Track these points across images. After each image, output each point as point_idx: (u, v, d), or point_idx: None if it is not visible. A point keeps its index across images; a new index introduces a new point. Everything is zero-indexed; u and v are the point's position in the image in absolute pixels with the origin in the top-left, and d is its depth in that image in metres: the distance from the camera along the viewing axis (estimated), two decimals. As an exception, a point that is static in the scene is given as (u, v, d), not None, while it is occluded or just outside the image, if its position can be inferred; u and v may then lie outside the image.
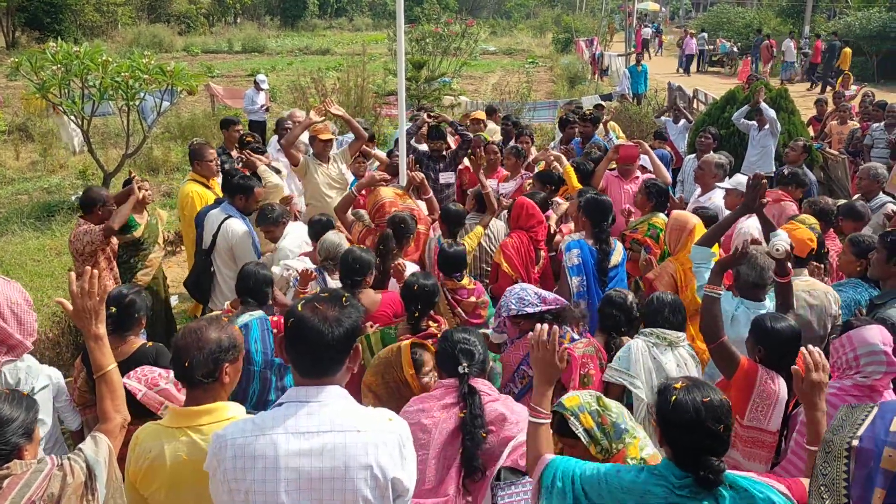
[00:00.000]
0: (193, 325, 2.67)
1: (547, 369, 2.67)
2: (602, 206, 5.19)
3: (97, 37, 32.87)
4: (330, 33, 47.98)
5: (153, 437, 2.62)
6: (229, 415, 2.62)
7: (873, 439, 2.22)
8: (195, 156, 6.80)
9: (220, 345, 2.61)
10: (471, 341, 3.21)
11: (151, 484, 2.60)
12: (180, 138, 15.35)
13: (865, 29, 26.52)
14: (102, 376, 2.65)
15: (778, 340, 3.40)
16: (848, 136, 10.66)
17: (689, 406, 2.31)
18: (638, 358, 3.80)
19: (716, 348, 3.57)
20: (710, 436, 2.27)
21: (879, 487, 2.18)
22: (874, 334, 3.33)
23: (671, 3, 61.97)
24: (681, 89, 17.60)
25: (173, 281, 8.77)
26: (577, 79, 25.34)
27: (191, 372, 2.57)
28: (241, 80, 24.51)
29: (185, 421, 2.61)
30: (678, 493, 2.28)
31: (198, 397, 2.62)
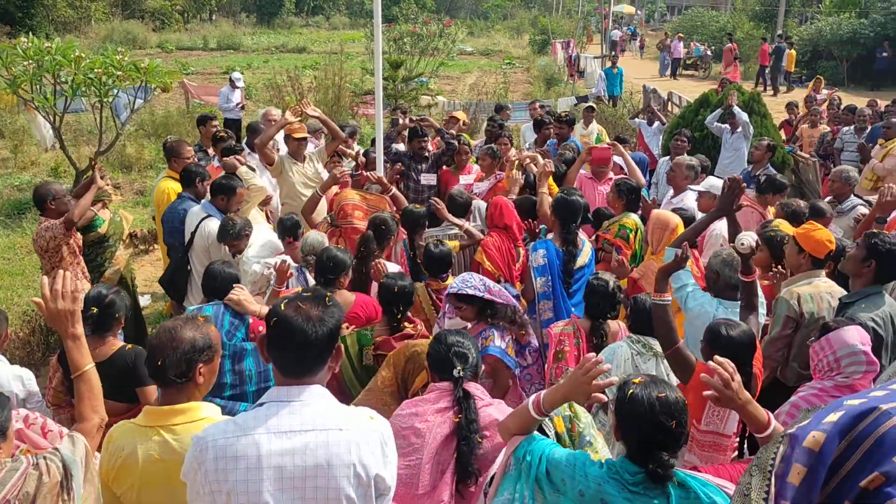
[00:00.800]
0: (169, 323, 2.66)
1: (576, 390, 2.50)
2: (572, 206, 5.20)
3: (70, 32, 32.41)
4: (306, 31, 47.73)
5: (126, 436, 2.61)
6: (203, 415, 2.61)
7: (806, 428, 2.29)
8: (171, 153, 6.75)
9: (194, 344, 2.60)
10: (465, 344, 3.18)
11: (124, 483, 2.59)
12: (154, 136, 15.20)
13: (836, 34, 26.96)
14: (81, 376, 2.62)
15: (733, 346, 3.37)
16: (818, 140, 10.82)
17: (644, 400, 2.36)
18: (620, 364, 3.82)
19: (672, 354, 3.58)
20: (661, 430, 2.32)
21: (799, 464, 2.25)
22: (853, 335, 3.43)
23: (646, 6, 62.47)
24: (655, 92, 17.76)
25: (146, 280, 8.70)
26: (553, 80, 25.47)
27: (163, 371, 2.55)
28: (216, 78, 24.31)
29: (158, 420, 2.60)
30: (631, 488, 2.32)
31: (172, 397, 2.61)
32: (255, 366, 4.02)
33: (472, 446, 2.86)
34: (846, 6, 29.37)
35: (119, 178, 13.00)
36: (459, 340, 3.18)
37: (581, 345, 4.16)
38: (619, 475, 2.35)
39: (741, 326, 3.44)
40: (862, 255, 4.08)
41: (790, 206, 5.65)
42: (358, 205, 5.90)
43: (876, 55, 25.55)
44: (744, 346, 3.35)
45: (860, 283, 4.12)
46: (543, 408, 2.54)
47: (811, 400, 3.42)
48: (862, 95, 21.13)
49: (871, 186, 8.60)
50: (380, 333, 4.14)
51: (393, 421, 2.87)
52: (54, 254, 5.58)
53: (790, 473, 2.26)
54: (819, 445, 2.24)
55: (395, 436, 2.67)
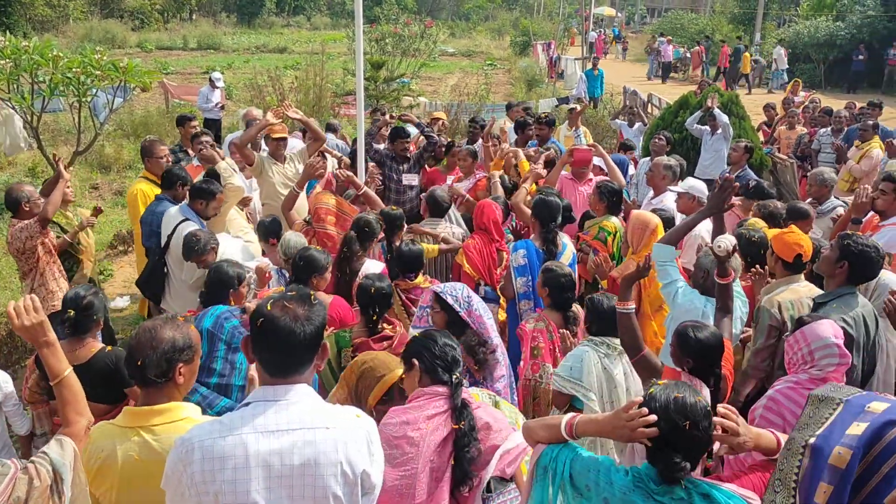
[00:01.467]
0: (149, 323, 2.65)
1: (617, 432, 2.45)
2: (551, 206, 5.25)
3: (48, 31, 32.06)
4: (287, 31, 47.56)
5: (105, 437, 2.59)
6: (183, 415, 2.59)
7: (828, 439, 2.29)
8: (145, 153, 6.70)
9: (174, 344, 2.59)
10: (455, 347, 3.09)
11: (103, 483, 2.57)
12: (133, 136, 15.08)
13: (813, 37, 27.30)
14: (61, 382, 2.59)
15: (701, 349, 3.39)
16: (796, 142, 10.94)
17: (661, 398, 2.36)
18: (591, 370, 3.84)
19: (638, 361, 3.62)
20: (674, 429, 2.30)
21: (825, 482, 2.25)
22: (826, 329, 3.46)
23: (626, 9, 62.85)
24: (636, 93, 17.87)
25: (126, 281, 8.63)
26: (534, 81, 25.55)
27: (143, 371, 2.54)
28: (196, 78, 24.16)
29: (137, 420, 2.58)
30: (656, 497, 2.31)
31: (151, 397, 2.60)
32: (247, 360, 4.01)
33: (473, 455, 2.82)
34: (823, 9, 29.71)
35: (98, 179, 12.89)
36: (451, 344, 3.08)
37: (554, 338, 4.22)
38: (644, 483, 2.34)
39: (709, 328, 3.47)
40: (835, 257, 4.10)
41: (767, 206, 5.70)
42: (331, 210, 5.89)
43: (852, 58, 25.90)
44: (711, 348, 3.38)
45: (833, 284, 4.14)
46: (576, 432, 2.51)
47: (789, 394, 3.44)
48: (839, 98, 21.40)
49: (848, 188, 8.72)
50: (358, 335, 4.09)
51: (383, 430, 2.77)
52: (31, 255, 5.53)
53: (817, 492, 2.26)
54: (845, 463, 2.24)
55: (387, 445, 2.67)
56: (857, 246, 4.03)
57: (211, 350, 3.86)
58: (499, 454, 2.82)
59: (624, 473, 2.40)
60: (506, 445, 2.85)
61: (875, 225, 5.54)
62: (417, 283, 4.85)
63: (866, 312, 4.02)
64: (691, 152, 9.93)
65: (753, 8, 32.19)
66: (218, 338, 3.89)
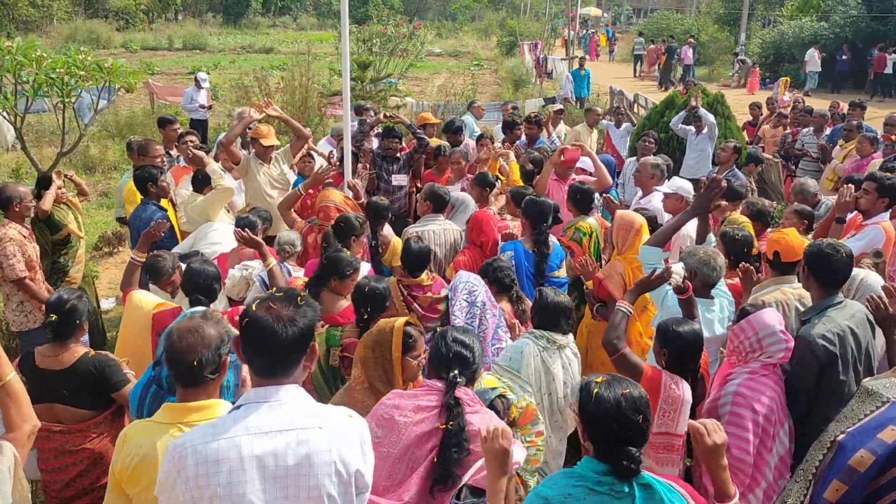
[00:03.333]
0: (188, 323, 2.63)
1: (500, 460, 2.52)
2: (541, 207, 5.25)
3: (32, 32, 31.87)
4: (273, 32, 47.41)
5: (143, 434, 2.59)
6: (221, 411, 2.58)
7: (856, 437, 2.28)
8: (140, 152, 6.66)
9: (222, 338, 2.63)
10: (469, 346, 3.04)
11: (140, 482, 2.56)
12: (118, 136, 14.99)
13: (798, 37, 27.49)
14: (3, 387, 2.54)
15: (680, 343, 3.51)
16: (780, 141, 11.01)
17: (611, 398, 2.38)
18: (529, 362, 3.87)
19: (618, 359, 3.67)
20: (630, 426, 2.34)
21: (839, 481, 2.24)
22: (771, 317, 3.58)
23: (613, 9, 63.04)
24: (622, 93, 17.93)
25: (111, 282, 8.57)
26: (521, 82, 25.59)
27: (200, 370, 2.55)
28: (181, 78, 24.05)
29: (176, 417, 2.58)
30: (596, 488, 2.33)
31: (191, 394, 2.60)
32: (233, 378, 3.98)
33: (457, 457, 2.79)
34: (807, 10, 29.91)
35: (83, 180, 12.77)
36: (463, 341, 3.05)
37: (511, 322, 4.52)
38: (584, 478, 2.36)
39: (690, 324, 3.60)
40: (806, 270, 3.96)
41: (755, 205, 5.72)
42: (340, 207, 5.87)
43: (836, 58, 26.07)
44: (689, 342, 3.52)
45: (815, 297, 3.98)
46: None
47: (751, 385, 3.50)
48: (823, 98, 21.55)
49: (832, 187, 8.77)
50: (349, 335, 4.09)
51: (377, 408, 2.91)
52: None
53: (829, 489, 2.24)
54: (864, 467, 2.21)
55: (375, 423, 2.74)
56: (815, 249, 3.90)
57: None
58: (480, 463, 2.74)
59: (551, 482, 2.43)
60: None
61: (858, 224, 5.58)
62: (420, 281, 4.83)
63: (855, 323, 3.79)
64: (677, 152, 9.97)
65: (739, 8, 32.35)
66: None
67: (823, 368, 3.68)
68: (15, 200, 5.51)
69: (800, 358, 3.69)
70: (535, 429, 3.26)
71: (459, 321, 4.20)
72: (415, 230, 5.84)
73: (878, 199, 5.47)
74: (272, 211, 6.47)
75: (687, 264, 4.31)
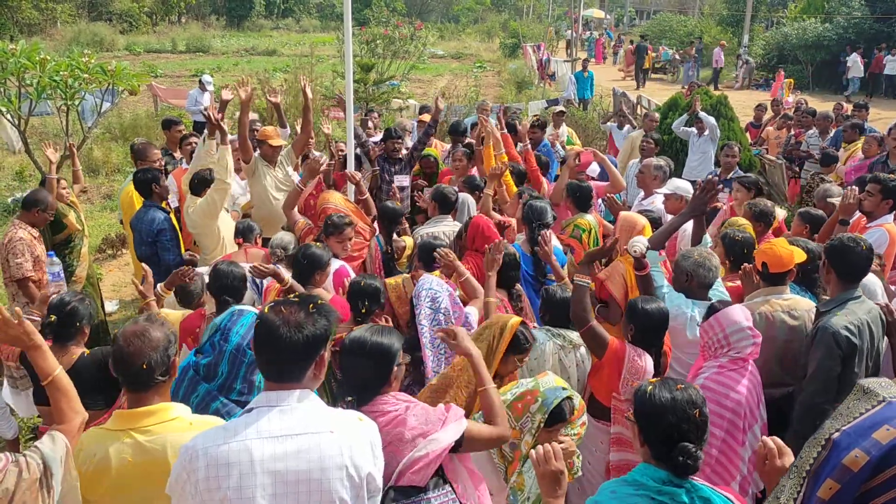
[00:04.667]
0: (134, 328, 2.62)
1: (555, 481, 2.49)
2: (536, 209, 5.33)
3: (35, 34, 31.92)
4: (276, 34, 47.48)
5: (97, 441, 2.58)
6: (173, 415, 2.60)
7: (851, 436, 2.27)
8: (138, 156, 6.68)
9: (168, 339, 2.63)
10: (353, 369, 2.82)
11: (97, 488, 2.56)
12: (121, 139, 15.02)
13: (801, 39, 27.44)
14: (51, 382, 2.60)
15: (647, 319, 3.75)
16: (784, 142, 11.00)
17: (666, 394, 2.42)
18: (547, 359, 3.99)
19: (586, 332, 3.86)
20: (685, 419, 2.36)
21: (832, 479, 2.23)
22: (738, 313, 3.66)
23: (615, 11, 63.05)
24: (625, 95, 17.93)
25: (115, 285, 8.59)
26: (524, 84, 25.59)
27: (150, 373, 2.54)
28: (185, 80, 24.10)
29: (128, 423, 2.57)
30: (658, 498, 2.32)
31: (143, 398, 2.59)
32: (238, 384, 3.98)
33: None
34: (811, 11, 29.89)
35: (86, 182, 12.80)
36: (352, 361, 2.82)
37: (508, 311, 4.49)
38: (643, 486, 2.35)
39: (657, 302, 3.83)
40: (826, 265, 4.04)
41: (757, 206, 5.69)
42: (340, 209, 5.88)
43: (840, 59, 26.06)
44: (653, 318, 3.77)
45: (834, 290, 4.02)
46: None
47: (719, 380, 3.59)
48: (826, 99, 21.53)
49: (836, 189, 8.75)
50: (343, 330, 4.05)
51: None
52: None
53: (822, 487, 2.23)
54: (858, 467, 2.20)
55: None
56: (834, 244, 3.98)
57: (231, 369, 3.81)
58: (404, 463, 2.61)
59: (609, 490, 2.42)
60: (414, 453, 2.63)
61: (862, 226, 5.56)
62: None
63: (871, 319, 3.90)
64: (680, 154, 9.98)
65: (742, 10, 32.33)
66: (241, 361, 3.82)
67: (846, 359, 3.74)
68: (39, 206, 5.60)
69: (826, 349, 3.74)
70: (579, 421, 3.27)
71: (426, 328, 4.11)
72: (426, 231, 5.87)
73: (883, 200, 5.46)
74: (277, 213, 6.50)
75: (681, 267, 4.31)
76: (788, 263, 4.20)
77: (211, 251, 5.90)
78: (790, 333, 4.17)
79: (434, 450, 2.60)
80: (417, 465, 2.58)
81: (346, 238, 5.20)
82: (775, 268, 4.23)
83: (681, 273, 4.30)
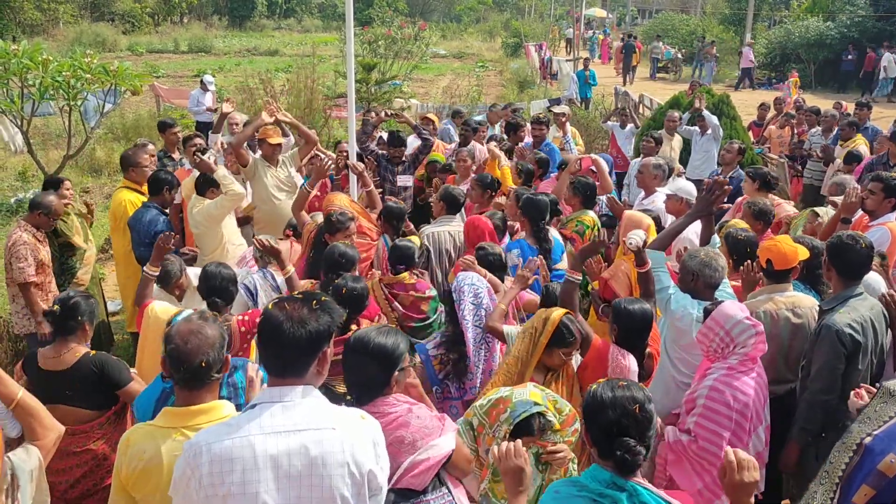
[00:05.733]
0: (188, 325, 2.62)
1: (517, 478, 2.49)
2: (539, 205, 5.42)
3: (38, 35, 31.93)
4: (279, 34, 47.45)
5: (147, 439, 2.58)
6: (225, 413, 2.60)
7: (884, 440, 2.25)
8: (128, 162, 6.56)
9: (223, 338, 2.64)
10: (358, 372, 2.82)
11: (146, 485, 2.56)
12: (124, 139, 15.03)
13: (804, 37, 27.40)
14: (17, 406, 2.61)
15: (630, 320, 3.78)
16: (789, 141, 10.99)
17: (607, 391, 2.42)
18: None
19: None
20: (626, 415, 2.35)
21: (868, 486, 2.21)
22: (733, 308, 3.64)
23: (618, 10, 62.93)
24: (627, 94, 17.92)
25: (116, 285, 8.59)
26: (526, 83, 25.57)
27: (207, 371, 2.55)
28: (187, 81, 24.10)
29: (180, 421, 2.58)
30: (599, 500, 2.31)
31: (196, 396, 2.59)
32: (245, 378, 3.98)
33: None
34: (814, 10, 29.84)
35: (89, 183, 12.84)
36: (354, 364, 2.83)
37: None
38: (586, 487, 2.36)
39: (641, 304, 3.85)
40: (826, 264, 4.06)
41: (756, 204, 5.69)
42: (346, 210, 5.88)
43: (842, 58, 26.03)
44: (639, 320, 3.78)
45: (836, 288, 4.05)
46: None
47: (727, 381, 3.53)
48: (828, 98, 21.49)
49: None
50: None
51: None
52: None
53: (857, 493, 2.22)
54: (894, 473, 2.19)
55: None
56: (835, 242, 3.99)
57: None
58: (404, 467, 2.64)
59: (552, 491, 2.43)
60: (415, 457, 2.65)
61: (865, 225, 5.56)
62: (401, 279, 4.85)
63: (874, 315, 3.92)
64: (683, 153, 9.96)
65: (744, 9, 32.28)
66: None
67: (850, 357, 3.74)
68: (42, 209, 5.63)
69: (830, 348, 3.74)
70: (571, 429, 3.20)
71: (469, 324, 4.25)
72: (431, 230, 5.89)
73: (885, 199, 5.46)
74: (280, 213, 6.51)
75: (688, 266, 4.28)
76: (793, 261, 4.20)
77: (210, 252, 5.90)
78: (794, 331, 4.17)
79: (435, 455, 2.64)
80: (418, 469, 2.61)
81: (350, 234, 5.20)
82: (780, 265, 4.22)
83: (687, 273, 4.25)
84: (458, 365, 4.29)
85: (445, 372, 4.35)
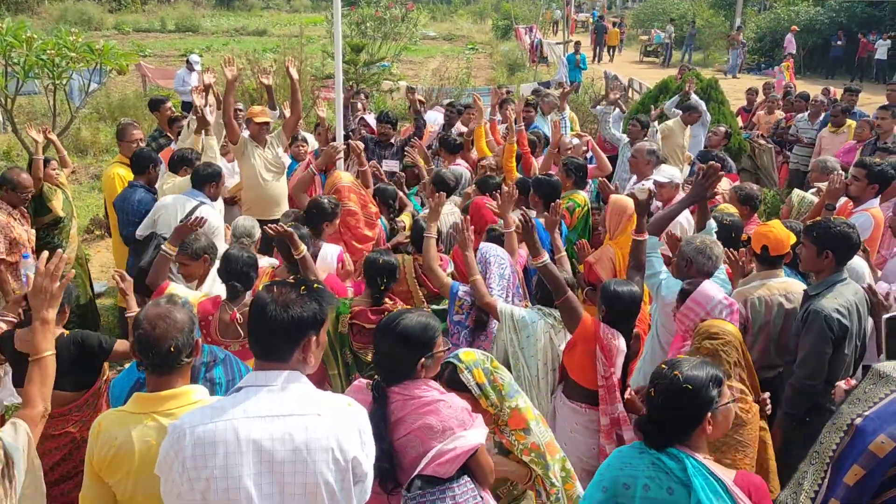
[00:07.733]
0: (157, 310, 2.60)
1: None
2: (554, 185, 5.63)
3: (22, 12, 31.50)
4: (267, 14, 47.00)
5: (118, 424, 2.56)
6: (196, 398, 2.58)
7: (875, 421, 2.28)
8: (119, 136, 6.65)
9: (193, 321, 2.63)
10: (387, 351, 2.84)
11: (118, 471, 2.54)
12: (109, 119, 14.91)
13: (794, 22, 27.38)
14: (38, 360, 2.58)
15: (617, 301, 3.77)
16: (773, 126, 11.01)
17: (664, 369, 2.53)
18: (540, 337, 4.11)
19: (563, 303, 3.97)
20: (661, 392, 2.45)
21: (859, 466, 2.24)
22: (711, 288, 3.70)
23: (608, -8, 62.63)
24: (616, 78, 17.89)
25: (103, 266, 8.57)
26: (516, 66, 25.47)
27: (177, 355, 2.53)
28: (174, 60, 23.90)
29: (150, 406, 2.56)
30: (657, 462, 2.39)
31: (166, 381, 2.57)
32: (224, 374, 3.97)
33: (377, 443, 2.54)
34: (805, -5, 29.84)
35: (74, 163, 12.72)
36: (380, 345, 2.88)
37: None
38: (647, 450, 2.45)
39: (630, 285, 3.85)
40: (815, 251, 3.99)
41: (743, 189, 5.71)
42: (353, 188, 5.89)
43: (831, 43, 26.06)
44: (626, 302, 3.77)
45: (824, 276, 4.02)
46: None
47: None
48: (817, 83, 21.53)
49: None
50: (358, 304, 4.24)
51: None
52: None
53: (848, 473, 2.24)
54: (885, 453, 2.20)
55: None
56: (834, 229, 3.95)
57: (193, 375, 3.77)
58: (430, 455, 2.66)
59: (630, 447, 2.56)
60: (442, 445, 2.67)
61: (849, 211, 5.60)
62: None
63: (858, 300, 3.96)
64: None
65: (734, -7, 32.22)
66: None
67: (837, 342, 3.78)
68: (8, 185, 5.59)
69: (818, 333, 3.77)
70: (528, 440, 3.10)
71: (496, 292, 4.40)
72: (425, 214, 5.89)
73: (868, 185, 5.50)
74: (268, 195, 6.50)
75: (683, 253, 4.28)
76: (787, 245, 4.25)
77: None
78: (785, 317, 4.21)
79: (462, 446, 2.66)
80: (444, 458, 2.64)
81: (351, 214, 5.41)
82: (776, 250, 4.25)
83: (682, 258, 4.26)
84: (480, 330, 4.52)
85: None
